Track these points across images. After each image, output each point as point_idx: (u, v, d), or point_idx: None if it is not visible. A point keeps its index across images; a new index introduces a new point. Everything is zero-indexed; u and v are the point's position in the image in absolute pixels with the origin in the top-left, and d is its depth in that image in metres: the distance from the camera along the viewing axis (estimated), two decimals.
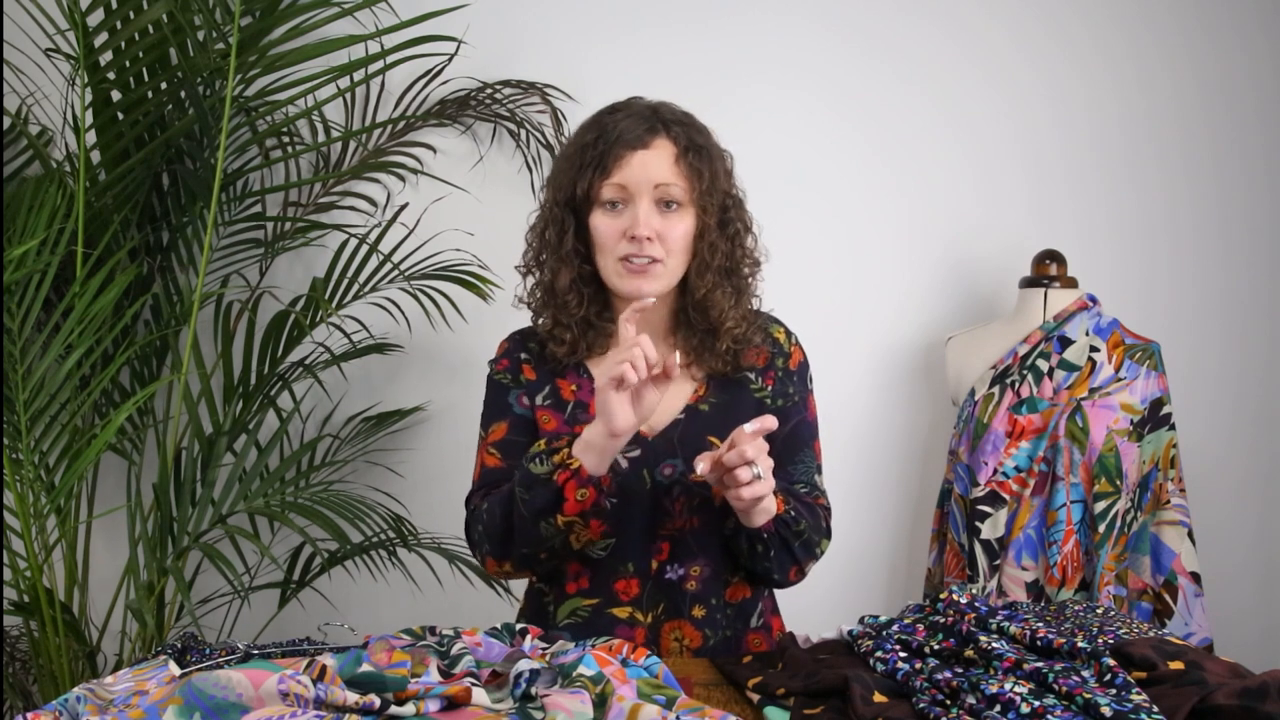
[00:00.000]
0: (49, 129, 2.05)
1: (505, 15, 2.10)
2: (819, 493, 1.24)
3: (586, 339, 1.20)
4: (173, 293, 1.95)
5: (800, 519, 1.12)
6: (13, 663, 1.91)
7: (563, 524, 1.08)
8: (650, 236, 1.11)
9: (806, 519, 1.14)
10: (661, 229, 1.12)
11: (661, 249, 1.12)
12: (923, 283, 2.22)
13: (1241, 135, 2.23)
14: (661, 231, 1.12)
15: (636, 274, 1.12)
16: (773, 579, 1.18)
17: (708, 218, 1.15)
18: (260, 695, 0.74)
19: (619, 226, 1.12)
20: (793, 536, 1.12)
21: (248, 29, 1.71)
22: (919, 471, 2.25)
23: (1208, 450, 2.20)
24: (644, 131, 1.13)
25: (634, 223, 1.11)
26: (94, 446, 1.55)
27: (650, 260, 1.12)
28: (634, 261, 1.12)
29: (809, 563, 1.17)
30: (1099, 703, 0.76)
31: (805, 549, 1.15)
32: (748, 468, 1.00)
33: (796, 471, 1.22)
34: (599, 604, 1.18)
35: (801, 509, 1.14)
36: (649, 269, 1.12)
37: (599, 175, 1.13)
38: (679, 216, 1.14)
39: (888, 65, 2.18)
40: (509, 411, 1.22)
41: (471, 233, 2.06)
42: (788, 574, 1.17)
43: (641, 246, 1.11)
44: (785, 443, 1.22)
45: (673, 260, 1.14)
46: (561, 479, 1.06)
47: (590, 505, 1.07)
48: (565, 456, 1.07)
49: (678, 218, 1.13)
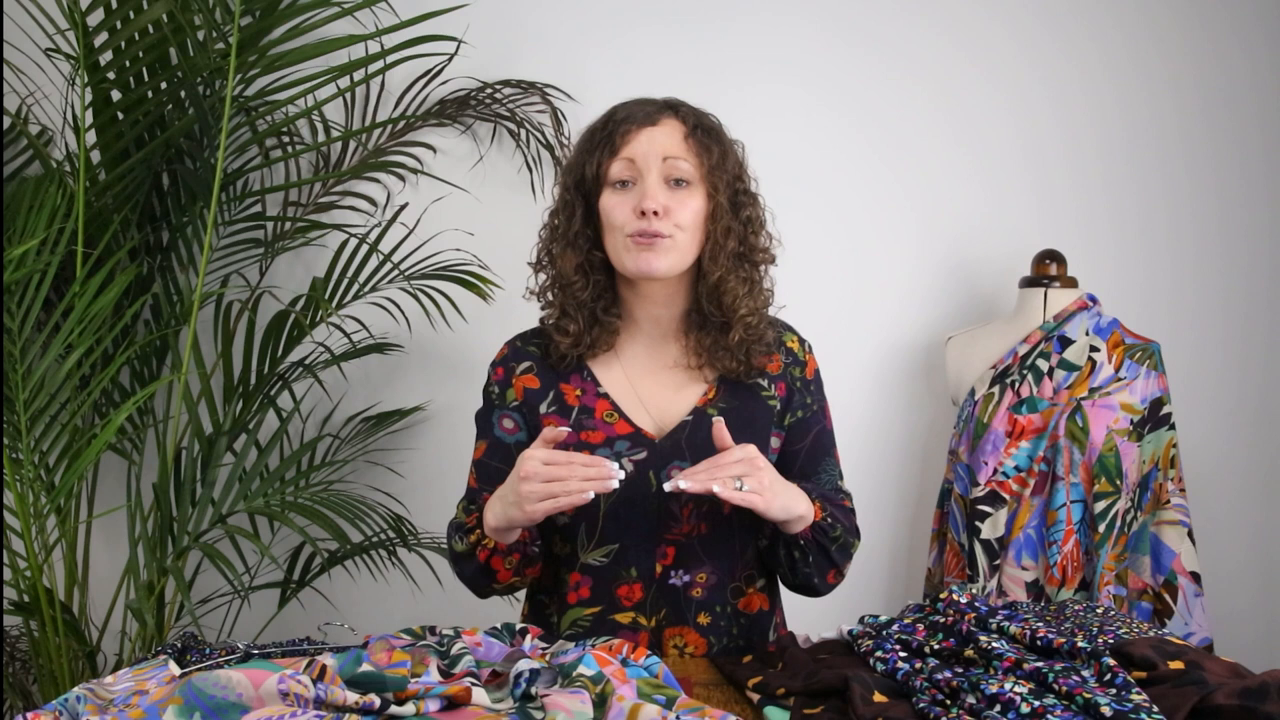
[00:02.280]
0: (49, 129, 2.05)
1: (505, 15, 2.10)
2: (843, 495, 1.24)
3: (591, 333, 1.18)
4: (173, 293, 1.95)
5: (837, 525, 1.13)
6: (13, 663, 1.91)
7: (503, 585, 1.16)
8: (658, 210, 1.10)
9: (842, 523, 1.15)
10: (670, 204, 1.11)
11: (670, 224, 1.11)
12: (923, 282, 2.22)
13: (1242, 135, 2.23)
14: (670, 206, 1.11)
15: (645, 248, 1.10)
16: (813, 584, 1.18)
17: (719, 197, 1.14)
18: (260, 695, 0.74)
19: (628, 203, 1.12)
20: (829, 542, 1.13)
21: (248, 29, 1.71)
22: (919, 471, 2.25)
23: (1208, 450, 2.20)
24: (653, 110, 1.14)
25: (643, 196, 1.10)
26: (94, 446, 1.55)
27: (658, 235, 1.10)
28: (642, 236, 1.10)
29: (846, 565, 1.18)
30: (1099, 702, 0.76)
31: (842, 552, 1.16)
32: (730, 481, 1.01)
33: (822, 479, 1.23)
34: (601, 611, 1.17)
35: (837, 514, 1.15)
36: (656, 243, 1.10)
37: (607, 153, 1.12)
38: (688, 193, 1.13)
39: (888, 65, 2.18)
40: (490, 432, 1.23)
41: (471, 233, 2.06)
42: (826, 578, 1.17)
43: (650, 222, 1.10)
44: (810, 453, 1.23)
45: (682, 236, 1.12)
46: (484, 557, 1.11)
47: (519, 561, 1.12)
48: (478, 537, 1.11)
49: (687, 194, 1.12)
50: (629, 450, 1.15)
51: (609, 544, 1.16)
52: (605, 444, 1.15)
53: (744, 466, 1.02)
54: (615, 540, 1.16)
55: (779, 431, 1.22)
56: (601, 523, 1.16)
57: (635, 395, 1.19)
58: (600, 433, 1.16)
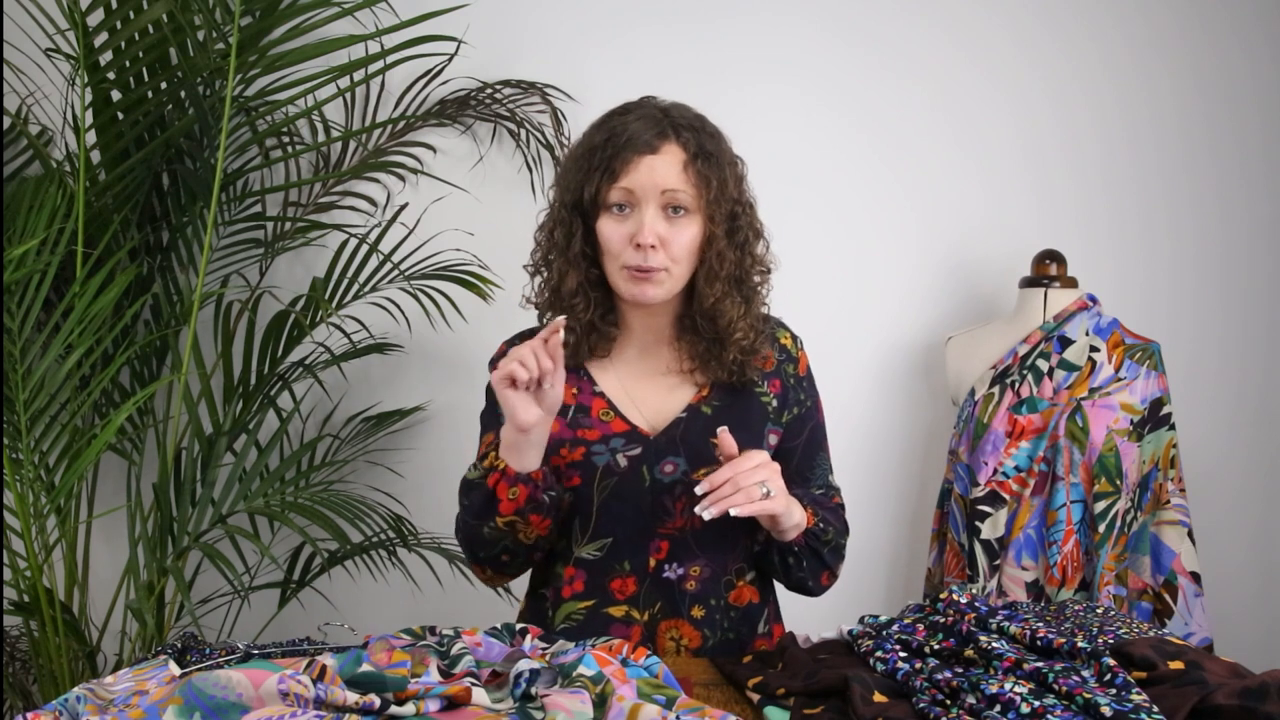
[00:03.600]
0: (49, 129, 2.05)
1: (505, 15, 2.10)
2: (834, 491, 1.26)
3: (589, 341, 1.20)
4: (173, 293, 1.95)
5: (829, 529, 1.16)
6: (13, 663, 1.91)
7: (503, 525, 1.11)
8: (654, 244, 1.10)
9: (833, 525, 1.17)
10: (667, 235, 1.11)
11: (666, 257, 1.12)
12: (923, 283, 2.22)
13: (1242, 135, 2.23)
14: (666, 238, 1.11)
15: (641, 280, 1.12)
16: (808, 587, 1.21)
17: (715, 226, 1.14)
18: (260, 695, 0.74)
19: (625, 232, 1.12)
20: (822, 545, 1.16)
21: (248, 29, 1.71)
22: (919, 471, 2.25)
23: (1208, 450, 2.20)
24: (653, 136, 1.12)
25: (639, 229, 1.11)
26: (94, 446, 1.55)
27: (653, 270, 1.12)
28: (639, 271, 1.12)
29: (838, 565, 1.21)
30: (1099, 703, 0.76)
31: (834, 554, 1.19)
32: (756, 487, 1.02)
33: (815, 476, 1.24)
34: (594, 605, 1.18)
35: (829, 517, 1.17)
36: (652, 276, 1.12)
37: (606, 179, 1.12)
38: (685, 223, 1.13)
39: (888, 65, 2.18)
40: (496, 423, 1.23)
41: (471, 233, 2.06)
42: (820, 580, 1.20)
43: (646, 256, 1.10)
44: (805, 449, 1.24)
45: (678, 268, 1.13)
46: (492, 482, 1.10)
47: (525, 501, 1.09)
48: (493, 460, 1.10)
49: (684, 224, 1.13)
50: (624, 446, 1.16)
51: (603, 538, 1.17)
52: (601, 440, 1.17)
53: (766, 471, 1.04)
54: (609, 534, 1.17)
55: (777, 429, 1.22)
56: (595, 516, 1.17)
57: (630, 395, 1.21)
58: (597, 430, 1.18)
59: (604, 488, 1.16)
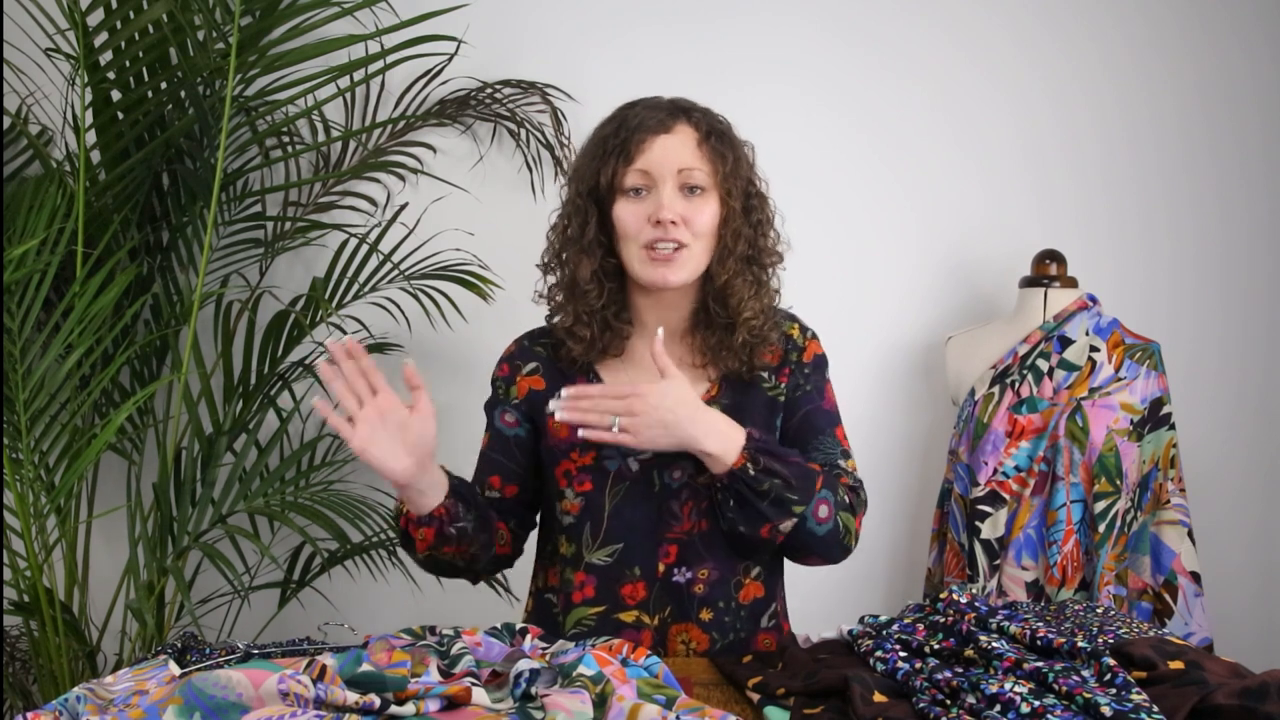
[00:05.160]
0: (49, 129, 2.05)
1: (505, 15, 2.10)
2: (842, 472, 1.19)
3: (603, 339, 1.19)
4: (173, 292, 1.95)
5: (764, 479, 1.07)
6: (13, 663, 1.91)
7: (425, 558, 1.16)
8: (675, 220, 1.10)
9: (783, 480, 1.08)
10: (686, 213, 1.12)
11: (687, 233, 1.12)
12: (923, 283, 2.22)
13: (1242, 135, 2.23)
14: (686, 215, 1.12)
15: (661, 262, 1.12)
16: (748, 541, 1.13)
17: (732, 202, 1.15)
18: (260, 695, 0.74)
19: (643, 212, 1.12)
20: (755, 496, 1.07)
21: (248, 29, 1.71)
22: (919, 471, 2.25)
23: (1208, 450, 2.20)
24: (665, 117, 1.13)
25: (659, 207, 1.10)
26: (94, 446, 1.55)
27: (676, 246, 1.11)
28: (659, 249, 1.11)
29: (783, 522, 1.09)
30: (1099, 702, 0.76)
31: (776, 508, 1.08)
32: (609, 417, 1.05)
33: (816, 458, 1.20)
34: (605, 611, 1.17)
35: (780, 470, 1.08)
36: (674, 257, 1.11)
37: (622, 162, 1.12)
38: (703, 201, 1.13)
39: (888, 65, 2.18)
40: (493, 424, 1.26)
41: (471, 233, 2.06)
42: (758, 531, 1.10)
43: (666, 230, 1.10)
44: (798, 430, 1.21)
45: (698, 245, 1.13)
46: (403, 524, 1.13)
47: (434, 538, 1.11)
48: (397, 504, 1.13)
49: (702, 202, 1.13)
50: (635, 450, 1.16)
51: (613, 543, 1.17)
52: (612, 444, 1.15)
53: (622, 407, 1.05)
54: (619, 540, 1.17)
55: None
56: (606, 522, 1.17)
57: None
58: None
59: (616, 493, 1.17)
